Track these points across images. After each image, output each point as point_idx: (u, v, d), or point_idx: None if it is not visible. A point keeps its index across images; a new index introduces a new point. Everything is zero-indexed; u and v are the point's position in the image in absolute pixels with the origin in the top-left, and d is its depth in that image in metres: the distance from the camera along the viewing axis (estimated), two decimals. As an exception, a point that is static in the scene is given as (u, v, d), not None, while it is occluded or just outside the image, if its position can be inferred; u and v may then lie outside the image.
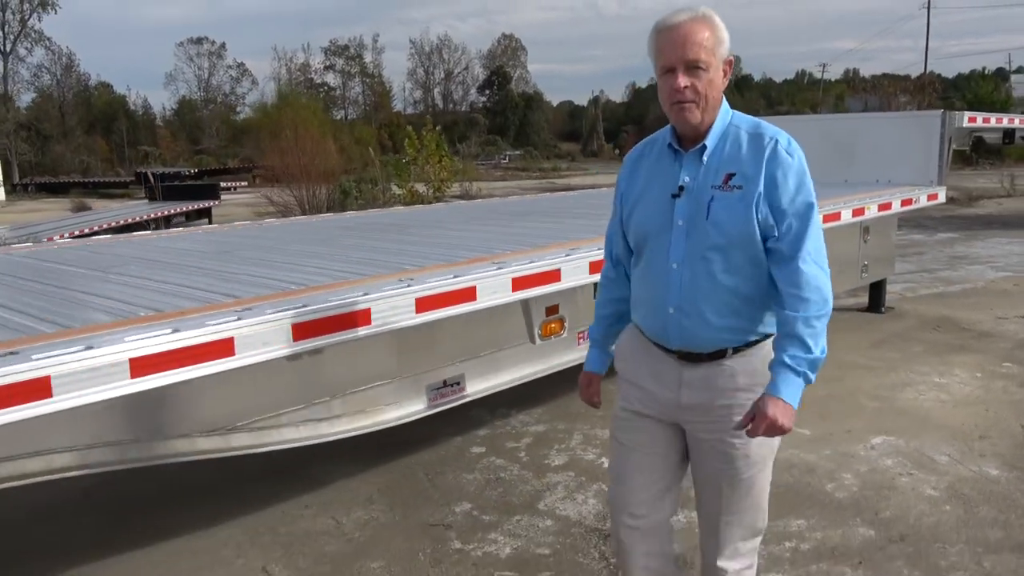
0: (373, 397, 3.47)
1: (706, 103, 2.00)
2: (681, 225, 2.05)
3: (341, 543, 3.38)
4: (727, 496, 2.17)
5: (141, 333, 2.32)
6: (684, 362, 2.12)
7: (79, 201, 31.35)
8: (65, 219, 19.45)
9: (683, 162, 2.08)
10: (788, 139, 2.05)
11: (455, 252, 3.98)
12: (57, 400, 2.09)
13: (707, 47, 1.97)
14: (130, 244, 4.88)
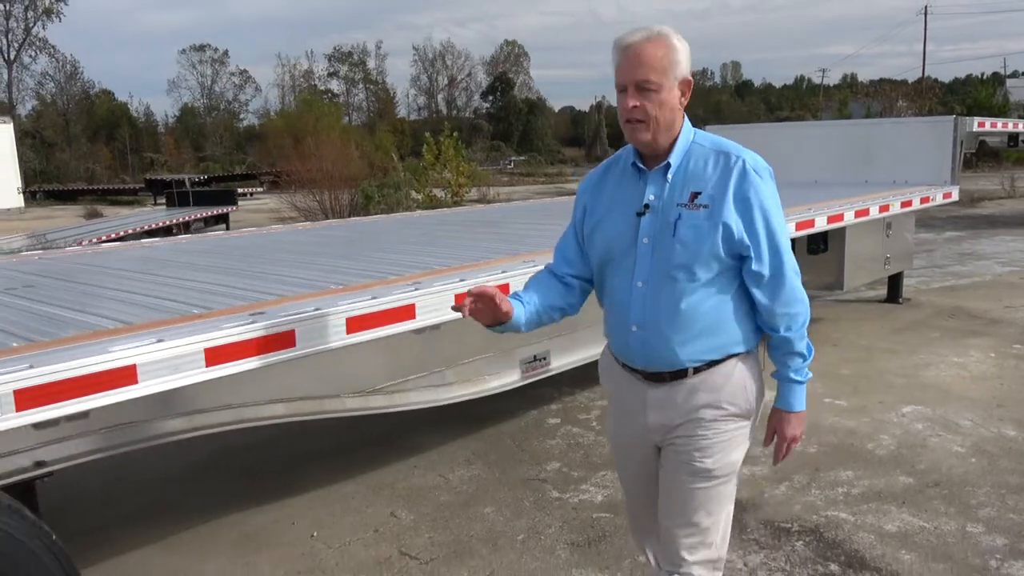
0: (478, 368, 4.02)
1: (657, 124, 1.99)
2: (646, 243, 2.04)
3: (452, 495, 3.93)
4: (684, 512, 2.13)
5: (350, 299, 2.87)
6: (649, 382, 2.11)
7: (91, 208, 31.70)
8: (91, 224, 19.90)
9: (647, 180, 2.07)
10: (755, 158, 2.05)
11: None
12: (300, 349, 2.64)
13: (658, 68, 1.96)
14: (243, 239, 5.41)
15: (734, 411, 2.09)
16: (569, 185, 38.31)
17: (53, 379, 2.01)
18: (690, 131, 2.09)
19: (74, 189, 42.33)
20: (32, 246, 13.72)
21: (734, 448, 2.11)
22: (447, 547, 3.41)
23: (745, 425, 2.13)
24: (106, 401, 2.12)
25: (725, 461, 2.09)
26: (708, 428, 2.08)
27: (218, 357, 2.39)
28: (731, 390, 2.07)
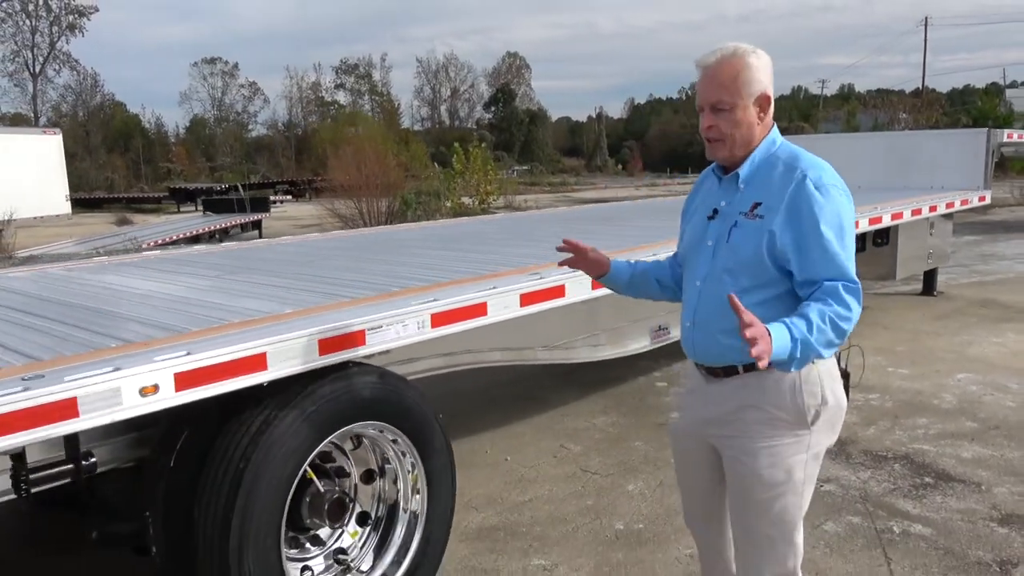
0: (621, 333, 4.92)
1: (734, 141, 2.07)
2: (710, 246, 2.15)
3: (603, 433, 4.83)
4: (743, 515, 2.17)
5: (519, 280, 3.68)
6: (706, 375, 2.20)
7: (121, 216, 32.44)
8: (137, 229, 20.67)
9: (723, 187, 2.18)
10: (821, 173, 2.04)
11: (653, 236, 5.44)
12: (490, 317, 3.43)
13: (731, 88, 2.03)
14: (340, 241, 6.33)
15: (782, 416, 2.07)
16: (576, 194, 39.21)
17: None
18: (772, 142, 2.13)
19: (99, 198, 43.03)
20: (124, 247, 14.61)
21: (783, 457, 2.08)
22: (617, 467, 4.32)
23: (799, 435, 2.08)
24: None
25: (775, 468, 2.07)
26: (754, 431, 2.10)
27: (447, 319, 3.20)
28: (779, 395, 2.06)
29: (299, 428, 2.51)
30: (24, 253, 15.92)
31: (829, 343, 1.94)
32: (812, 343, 1.89)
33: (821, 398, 2.08)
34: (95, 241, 18.81)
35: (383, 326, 2.73)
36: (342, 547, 2.90)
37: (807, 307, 1.93)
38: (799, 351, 1.89)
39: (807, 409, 2.06)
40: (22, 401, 1.95)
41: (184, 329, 2.60)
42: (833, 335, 1.92)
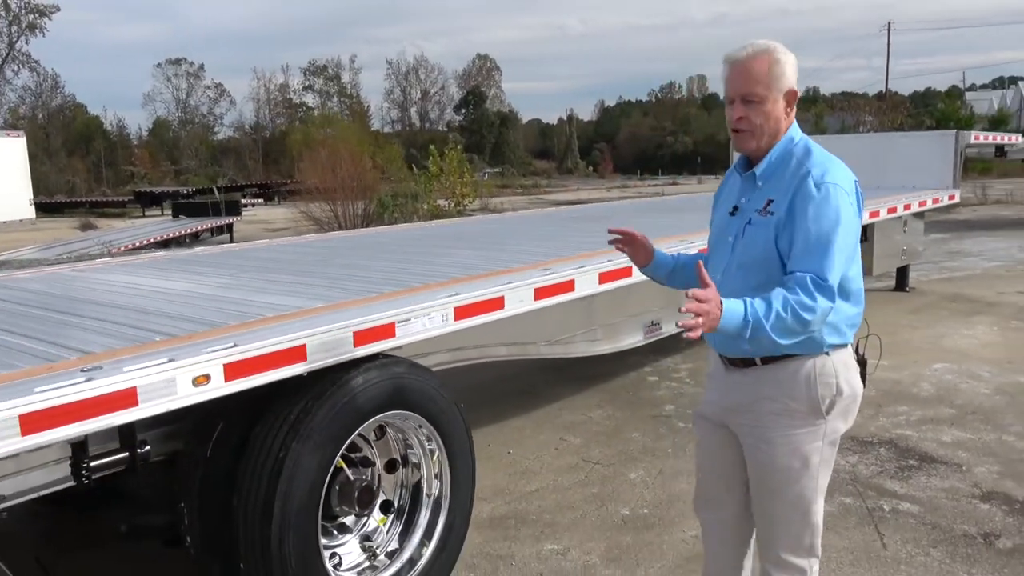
0: (616, 329, 5.09)
1: (762, 132, 2.14)
2: (730, 241, 2.24)
3: (601, 426, 5.00)
4: (762, 500, 2.28)
5: (533, 275, 3.84)
6: (727, 364, 2.29)
7: (85, 220, 31.90)
8: (108, 234, 20.40)
9: (744, 183, 2.27)
10: (825, 171, 2.09)
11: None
12: (507, 311, 3.58)
13: (763, 81, 2.10)
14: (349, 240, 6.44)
15: (798, 407, 2.15)
16: (549, 196, 39.40)
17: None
18: (791, 139, 2.19)
19: (61, 202, 42.20)
20: (95, 252, 14.47)
21: (800, 445, 2.17)
22: (617, 457, 4.49)
23: (815, 424, 2.17)
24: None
25: (791, 456, 2.17)
26: (771, 421, 2.18)
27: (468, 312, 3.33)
28: (794, 387, 2.14)
29: (335, 417, 2.63)
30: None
31: (787, 330, 1.98)
32: (765, 326, 1.95)
33: (836, 388, 2.16)
34: (66, 245, 18.52)
35: (411, 319, 2.86)
36: (368, 534, 3.03)
37: (774, 292, 1.99)
38: (748, 330, 1.94)
39: (821, 400, 2.15)
40: (85, 391, 2.05)
41: (221, 323, 2.71)
42: (793, 323, 1.97)
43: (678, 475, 4.19)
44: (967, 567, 3.23)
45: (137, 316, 2.93)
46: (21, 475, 2.24)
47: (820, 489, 2.24)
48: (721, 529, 2.48)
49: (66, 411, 2.01)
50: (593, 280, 3.76)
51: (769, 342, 2.01)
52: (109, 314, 2.99)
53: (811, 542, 2.27)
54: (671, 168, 63.20)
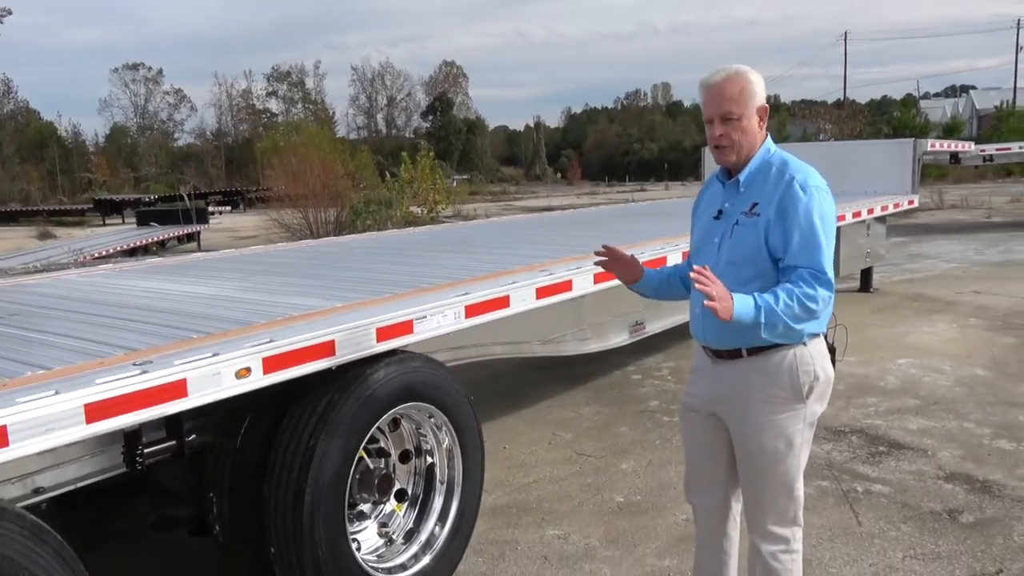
0: (603, 328, 5.32)
1: (740, 146, 2.39)
2: (716, 242, 2.46)
3: (590, 422, 5.23)
4: (750, 479, 2.50)
5: (533, 276, 4.10)
6: (713, 357, 2.50)
7: (43, 229, 31.25)
8: (73, 243, 20.11)
9: (726, 190, 2.50)
10: (807, 176, 2.35)
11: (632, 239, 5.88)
12: (513, 309, 3.81)
13: (739, 101, 2.35)
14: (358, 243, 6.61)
15: (781, 394, 2.38)
16: (519, 202, 39.65)
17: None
18: (767, 150, 2.45)
19: (15, 211, 41.21)
20: (64, 260, 14.36)
21: (784, 427, 2.40)
22: (608, 450, 4.72)
23: (796, 408, 2.40)
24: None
25: (776, 438, 2.39)
26: (757, 408, 2.40)
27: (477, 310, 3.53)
28: (779, 374, 2.36)
29: (359, 409, 2.82)
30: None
31: (796, 317, 2.24)
32: (777, 312, 2.21)
33: (814, 375, 2.39)
34: (31, 254, 18.26)
35: (427, 316, 3.07)
36: (384, 520, 3.21)
37: (779, 286, 2.27)
38: (763, 316, 2.20)
39: (802, 385, 2.37)
40: (140, 383, 2.23)
41: (251, 322, 2.89)
42: (800, 311, 2.23)
43: (666, 464, 4.44)
44: (934, 540, 3.52)
45: (168, 316, 3.09)
46: (75, 463, 2.41)
47: (801, 466, 2.49)
48: (711, 513, 2.69)
49: (124, 401, 2.19)
50: (588, 280, 4.00)
51: (784, 328, 2.25)
52: (140, 315, 3.15)
53: (795, 514, 2.52)
54: (638, 175, 64.02)
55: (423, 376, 3.07)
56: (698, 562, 2.80)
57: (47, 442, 2.04)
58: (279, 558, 2.77)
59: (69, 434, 2.08)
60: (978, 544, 3.47)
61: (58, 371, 2.30)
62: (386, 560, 3.09)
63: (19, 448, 1.99)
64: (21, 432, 1.99)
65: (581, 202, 32.45)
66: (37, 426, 2.02)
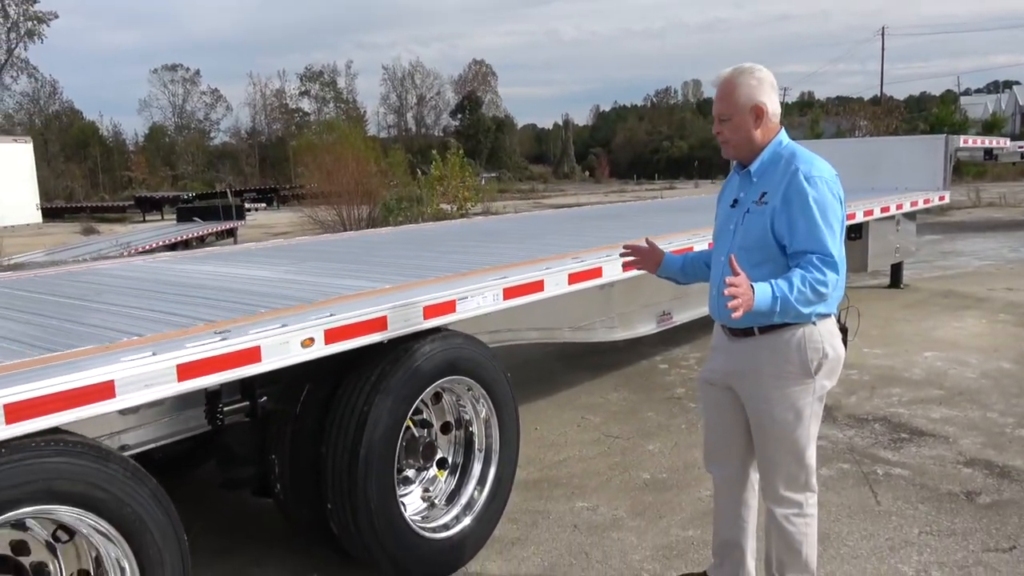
0: (631, 318, 5.53)
1: (735, 143, 2.61)
2: (731, 228, 2.67)
3: (618, 407, 5.44)
4: (763, 447, 2.70)
5: (565, 263, 4.30)
6: (729, 335, 2.71)
7: (87, 225, 32.17)
8: (122, 237, 20.76)
9: (742, 180, 2.70)
10: (811, 167, 2.50)
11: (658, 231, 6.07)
12: (546, 293, 4.05)
13: (729, 102, 2.56)
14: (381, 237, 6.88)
15: (791, 369, 2.57)
16: (548, 200, 39.84)
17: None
18: (779, 143, 2.62)
19: (60, 207, 42.41)
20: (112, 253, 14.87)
21: (794, 401, 2.59)
22: (635, 432, 4.94)
23: (806, 383, 2.58)
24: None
25: (787, 411, 2.59)
26: (769, 382, 2.60)
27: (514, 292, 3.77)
28: (788, 351, 2.55)
29: (407, 380, 3.07)
30: (10, 260, 16.05)
31: (808, 301, 2.43)
32: (791, 300, 2.39)
33: (822, 352, 2.57)
34: (75, 249, 18.92)
35: (468, 297, 3.31)
36: (427, 486, 3.46)
37: (792, 272, 2.44)
38: (779, 306, 2.39)
39: (810, 362, 2.56)
40: (222, 348, 2.50)
41: (310, 300, 3.15)
42: (811, 295, 2.41)
43: (692, 447, 4.63)
44: (950, 518, 3.68)
45: (234, 295, 3.38)
46: (158, 424, 2.69)
47: (811, 436, 2.67)
48: (729, 482, 2.89)
49: (209, 363, 2.46)
50: (618, 268, 4.20)
51: (794, 312, 2.44)
52: (209, 293, 3.44)
53: (806, 480, 2.70)
54: (667, 173, 63.78)
55: (464, 352, 3.32)
56: (717, 528, 3.01)
57: (146, 396, 2.32)
58: (334, 514, 3.03)
59: (164, 390, 2.36)
60: (993, 523, 3.62)
61: (150, 337, 2.58)
62: (430, 521, 3.34)
63: (124, 400, 2.27)
64: (126, 386, 2.26)
65: (609, 200, 32.56)
66: (138, 382, 2.29)
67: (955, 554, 3.35)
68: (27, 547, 2.40)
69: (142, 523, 2.37)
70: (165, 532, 2.43)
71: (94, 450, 2.32)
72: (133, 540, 2.37)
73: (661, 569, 3.32)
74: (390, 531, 3.05)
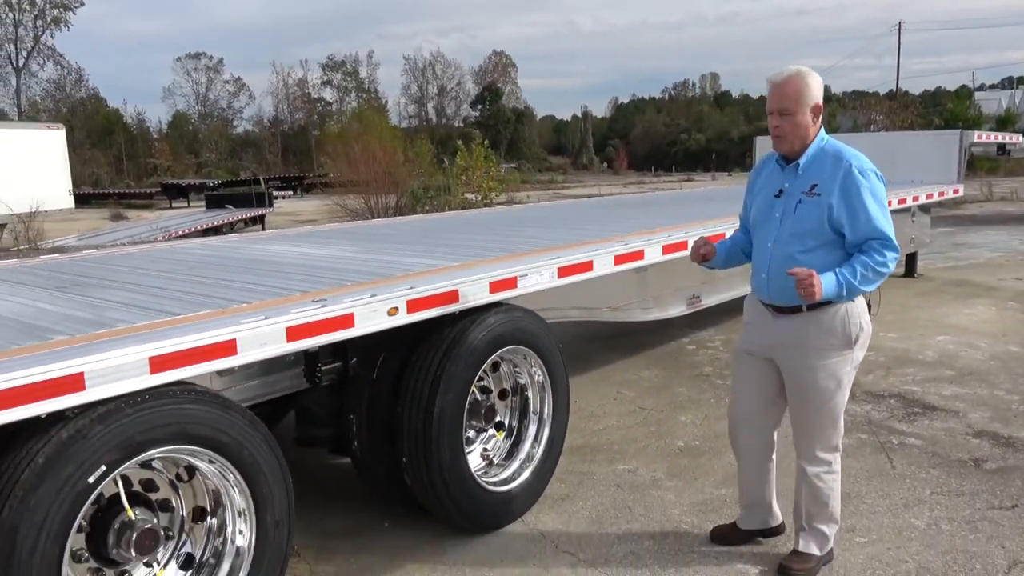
0: (664, 299, 5.90)
1: (794, 137, 2.86)
2: (778, 217, 2.93)
3: (650, 383, 5.82)
4: (802, 411, 3.02)
5: (611, 246, 4.69)
6: (774, 312, 2.99)
7: (116, 211, 32.78)
8: (161, 222, 21.25)
9: (785, 173, 2.96)
10: (862, 162, 2.83)
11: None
12: (596, 272, 4.43)
13: (794, 99, 2.81)
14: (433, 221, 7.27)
15: (835, 342, 2.90)
16: (568, 191, 40.08)
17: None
18: (822, 139, 2.92)
19: (87, 193, 43.11)
20: (150, 236, 15.37)
21: (835, 370, 2.92)
22: (668, 405, 5.31)
23: (845, 354, 2.93)
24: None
25: (828, 379, 2.92)
26: (813, 354, 2.90)
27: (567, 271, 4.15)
28: (834, 326, 2.87)
29: (475, 347, 3.44)
30: (53, 243, 16.58)
31: (871, 281, 2.81)
32: (855, 283, 2.76)
33: (860, 326, 2.93)
34: (119, 232, 19.54)
35: (528, 274, 3.69)
36: (487, 446, 3.86)
37: (856, 258, 2.80)
38: (845, 291, 2.77)
39: (852, 335, 2.90)
40: (322, 314, 2.89)
41: (389, 275, 3.55)
42: (873, 276, 2.79)
43: (722, 419, 4.97)
44: (959, 481, 4.04)
45: (317, 270, 3.78)
46: (272, 376, 3.10)
47: (844, 402, 3.04)
48: (759, 445, 3.21)
49: (313, 327, 2.85)
50: (658, 251, 4.59)
51: (857, 292, 2.83)
52: (293, 269, 3.85)
53: (837, 441, 3.08)
54: (684, 165, 63.91)
55: (523, 324, 3.70)
56: (745, 489, 3.38)
57: (261, 354, 2.71)
58: (409, 468, 3.40)
59: (276, 349, 2.75)
60: (998, 485, 3.98)
61: (257, 304, 2.98)
62: (491, 476, 3.73)
63: (244, 357, 2.66)
64: (246, 344, 2.66)
65: (629, 191, 32.84)
66: (255, 341, 2.69)
67: (963, 511, 3.71)
68: (155, 485, 2.79)
69: (256, 465, 2.75)
70: (274, 473, 2.82)
71: (219, 399, 2.72)
72: (249, 479, 2.75)
73: (698, 521, 3.69)
74: (459, 484, 3.43)
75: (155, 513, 2.66)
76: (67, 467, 2.21)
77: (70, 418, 2.27)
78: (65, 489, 2.21)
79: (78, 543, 2.46)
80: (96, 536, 2.50)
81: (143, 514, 2.59)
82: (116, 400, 2.33)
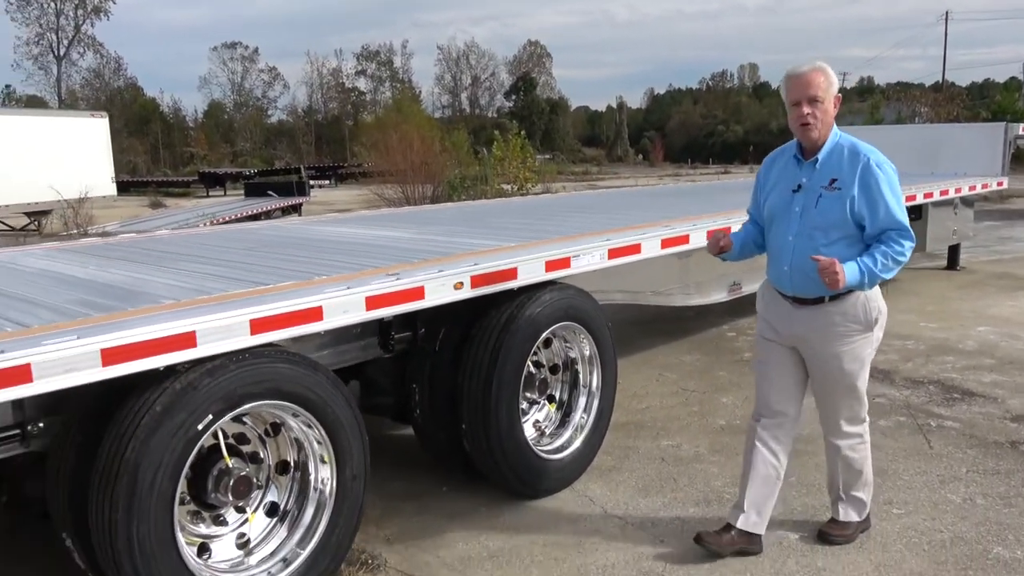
0: (706, 286, 6.06)
1: (821, 124, 2.96)
2: (797, 211, 3.03)
3: (691, 367, 6.00)
4: (829, 393, 3.18)
5: (657, 230, 4.88)
6: (795, 304, 3.10)
7: (154, 199, 33.55)
8: (207, 209, 21.82)
9: (803, 168, 3.07)
10: (878, 156, 2.96)
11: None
12: (644, 254, 4.65)
13: (823, 87, 2.93)
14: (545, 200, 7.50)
15: (856, 327, 3.05)
16: (602, 183, 40.03)
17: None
18: (837, 134, 3.05)
19: (125, 181, 43.95)
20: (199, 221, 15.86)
21: (859, 352, 3.08)
22: (709, 387, 5.49)
23: (867, 336, 3.07)
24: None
25: (853, 361, 3.07)
26: (836, 339, 3.04)
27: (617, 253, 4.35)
28: (856, 312, 3.02)
29: (531, 321, 3.67)
30: (100, 229, 17.15)
31: (891, 269, 2.94)
32: (876, 272, 2.90)
33: (878, 309, 3.09)
34: (164, 219, 20.13)
35: (580, 255, 3.90)
36: (538, 418, 4.08)
37: (875, 248, 2.93)
38: (867, 279, 2.91)
39: (872, 318, 3.05)
40: (397, 287, 3.14)
41: (450, 253, 3.78)
42: (892, 264, 2.93)
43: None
44: (995, 461, 4.17)
45: (385, 249, 4.04)
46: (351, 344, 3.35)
47: (867, 377, 3.20)
48: (781, 428, 3.25)
49: (389, 298, 3.10)
50: (702, 236, 4.76)
51: (878, 280, 2.96)
52: (362, 249, 4.12)
53: (864, 415, 3.26)
54: (722, 157, 63.36)
55: (576, 301, 3.91)
56: (756, 470, 3.33)
57: (344, 320, 2.97)
58: (469, 434, 3.64)
59: (356, 316, 3.01)
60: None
61: (337, 277, 3.23)
62: (543, 444, 3.95)
63: (329, 323, 2.92)
64: (331, 311, 2.91)
65: (665, 183, 32.77)
66: (339, 308, 2.94)
67: (998, 487, 3.85)
68: (246, 438, 3.06)
69: (339, 421, 3.02)
70: (353, 430, 3.08)
71: (307, 361, 2.98)
72: (332, 434, 3.02)
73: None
74: (516, 451, 3.67)
75: (247, 464, 2.93)
76: (180, 414, 2.48)
77: (180, 372, 2.54)
78: (179, 434, 2.48)
79: (182, 487, 2.73)
80: (197, 482, 2.78)
81: (237, 463, 2.85)
82: (222, 357, 2.60)
